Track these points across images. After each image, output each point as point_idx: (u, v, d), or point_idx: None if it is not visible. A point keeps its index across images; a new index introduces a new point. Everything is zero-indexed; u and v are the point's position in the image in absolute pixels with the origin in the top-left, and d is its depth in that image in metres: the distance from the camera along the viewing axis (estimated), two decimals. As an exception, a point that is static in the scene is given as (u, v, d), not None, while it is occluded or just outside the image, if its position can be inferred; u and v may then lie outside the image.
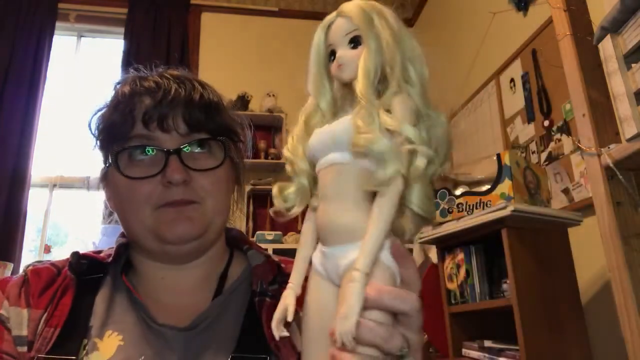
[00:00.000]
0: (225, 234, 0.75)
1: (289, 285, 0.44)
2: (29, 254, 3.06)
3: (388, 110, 0.41)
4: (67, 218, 3.25)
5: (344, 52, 0.43)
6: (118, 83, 0.71)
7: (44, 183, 3.16)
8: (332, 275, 0.41)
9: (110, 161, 0.67)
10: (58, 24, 3.36)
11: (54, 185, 3.17)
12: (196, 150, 0.66)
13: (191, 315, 0.64)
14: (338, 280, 0.41)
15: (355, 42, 0.43)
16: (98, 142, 0.70)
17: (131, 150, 0.65)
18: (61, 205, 3.20)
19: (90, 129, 0.70)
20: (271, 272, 0.69)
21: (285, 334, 0.42)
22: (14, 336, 0.62)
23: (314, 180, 0.45)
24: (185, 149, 0.65)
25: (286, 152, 0.46)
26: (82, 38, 3.61)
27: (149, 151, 0.65)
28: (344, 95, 0.45)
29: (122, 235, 0.73)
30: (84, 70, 3.50)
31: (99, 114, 0.70)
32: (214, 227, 0.67)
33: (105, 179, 0.70)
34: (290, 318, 0.42)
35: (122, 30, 3.39)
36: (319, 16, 0.48)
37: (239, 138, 0.73)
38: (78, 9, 3.48)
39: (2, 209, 2.83)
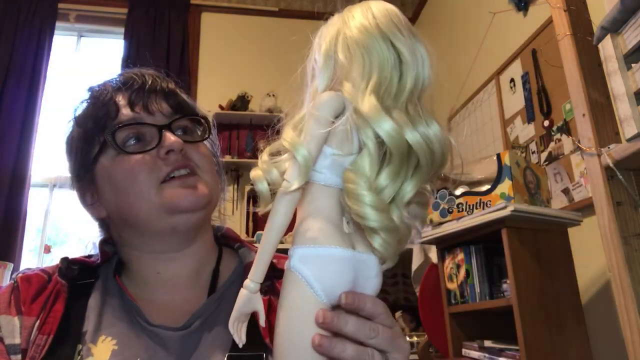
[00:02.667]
0: (213, 232, 0.76)
1: (255, 285, 0.44)
2: (29, 254, 3.05)
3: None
4: (67, 218, 3.25)
5: None
6: (95, 86, 0.72)
7: (44, 183, 3.16)
8: None
9: (97, 151, 0.67)
10: (58, 24, 3.36)
11: (54, 185, 3.17)
12: (179, 131, 0.69)
13: (186, 314, 0.65)
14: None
15: None
16: (80, 141, 0.69)
17: (124, 131, 0.66)
18: (61, 205, 3.20)
19: (69, 132, 0.71)
20: None
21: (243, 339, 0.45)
22: (6, 345, 0.61)
23: None
24: (173, 125, 0.68)
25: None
26: (82, 38, 3.61)
27: (139, 135, 0.67)
28: None
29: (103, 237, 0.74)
30: (84, 71, 3.50)
31: (77, 114, 0.71)
32: (213, 202, 0.69)
33: (92, 175, 0.69)
34: (262, 324, 0.44)
35: (122, 30, 3.38)
36: (319, 16, 0.48)
37: (211, 131, 0.75)
38: (78, 9, 3.48)
39: (2, 209, 2.83)
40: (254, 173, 0.43)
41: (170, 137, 0.65)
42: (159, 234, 0.66)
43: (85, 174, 0.69)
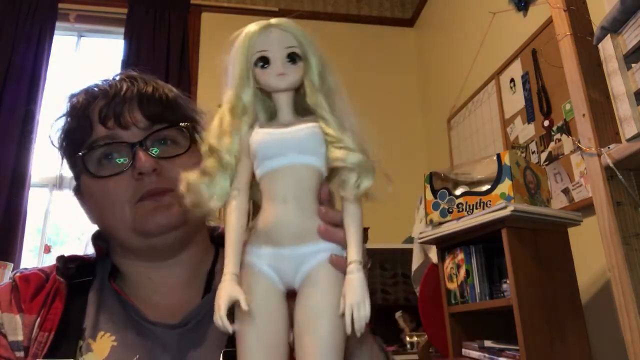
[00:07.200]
0: (209, 232, 0.76)
1: (230, 275, 0.43)
2: (29, 254, 3.05)
3: None
4: (67, 218, 3.25)
5: (284, 63, 0.46)
6: (72, 95, 0.71)
7: (44, 183, 3.16)
8: (288, 274, 0.43)
9: (77, 169, 0.67)
10: (58, 24, 3.35)
11: (54, 186, 3.17)
12: (160, 142, 0.67)
13: (182, 312, 0.65)
14: (292, 280, 0.44)
15: (293, 58, 0.46)
16: (62, 154, 0.70)
17: (97, 152, 0.65)
18: (61, 205, 3.19)
19: (52, 143, 0.72)
20: None
21: (236, 327, 0.42)
22: (9, 341, 0.62)
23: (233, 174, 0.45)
24: (148, 141, 0.65)
25: (213, 140, 0.44)
26: (82, 38, 3.61)
27: (112, 154, 0.65)
28: (280, 103, 0.46)
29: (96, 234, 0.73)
30: (84, 71, 3.49)
31: (57, 126, 0.71)
32: (191, 217, 0.67)
33: (78, 189, 0.70)
34: (245, 307, 0.41)
35: (122, 30, 3.38)
36: (319, 16, 0.49)
37: (202, 127, 0.72)
38: (78, 9, 3.47)
39: (2, 209, 2.83)
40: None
41: (141, 158, 0.63)
42: (140, 251, 0.67)
43: (77, 185, 0.71)
